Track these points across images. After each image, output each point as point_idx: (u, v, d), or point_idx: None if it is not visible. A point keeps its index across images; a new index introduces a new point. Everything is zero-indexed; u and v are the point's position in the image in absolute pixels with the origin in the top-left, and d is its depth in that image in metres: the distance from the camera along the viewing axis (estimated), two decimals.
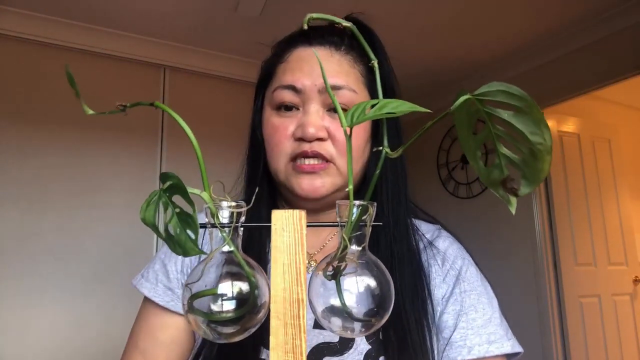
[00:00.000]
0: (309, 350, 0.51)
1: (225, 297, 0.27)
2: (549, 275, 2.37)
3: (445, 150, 2.97)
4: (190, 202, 0.24)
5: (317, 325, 0.54)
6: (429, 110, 0.25)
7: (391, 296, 0.29)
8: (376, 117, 0.24)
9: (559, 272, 2.39)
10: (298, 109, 0.55)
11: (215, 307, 0.27)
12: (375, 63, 0.29)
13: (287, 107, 0.55)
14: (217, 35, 2.22)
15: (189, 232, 0.25)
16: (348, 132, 0.26)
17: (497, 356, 0.52)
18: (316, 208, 0.57)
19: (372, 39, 0.59)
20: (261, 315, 0.28)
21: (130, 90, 2.22)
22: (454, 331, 0.53)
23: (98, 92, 2.15)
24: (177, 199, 0.26)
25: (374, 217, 0.29)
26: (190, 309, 0.27)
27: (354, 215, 0.28)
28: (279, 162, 0.55)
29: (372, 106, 0.25)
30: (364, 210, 0.28)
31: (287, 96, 0.55)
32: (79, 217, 2.01)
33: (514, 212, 0.27)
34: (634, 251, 2.72)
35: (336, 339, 0.53)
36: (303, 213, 0.28)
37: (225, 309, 0.27)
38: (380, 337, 0.53)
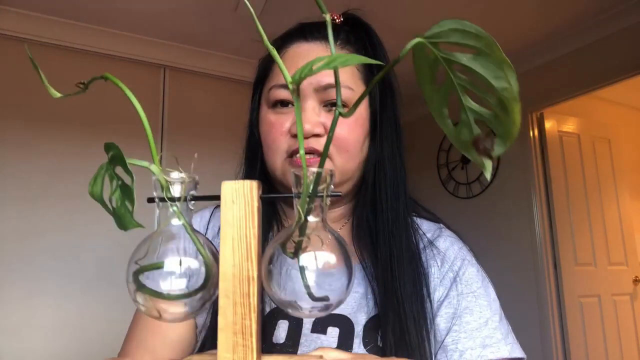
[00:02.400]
0: None
1: (173, 274, 0.25)
2: (549, 275, 2.36)
3: (445, 150, 2.96)
4: (129, 173, 0.23)
5: (315, 329, 0.53)
6: (379, 62, 0.24)
7: (351, 275, 0.28)
8: (322, 69, 0.22)
9: (559, 272, 2.37)
10: (294, 106, 0.54)
11: (163, 284, 0.25)
12: (327, 16, 0.28)
13: (283, 103, 0.55)
14: (217, 35, 2.22)
15: (127, 204, 0.23)
16: (295, 89, 0.25)
17: None
18: None
19: (369, 35, 0.58)
20: (212, 293, 0.27)
21: (130, 89, 2.21)
22: (446, 335, 0.52)
23: (98, 91, 2.14)
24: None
25: (331, 187, 0.27)
26: (137, 286, 0.25)
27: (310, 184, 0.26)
28: (276, 158, 0.55)
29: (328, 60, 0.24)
30: (320, 178, 0.26)
31: (283, 94, 0.54)
32: (79, 217, 2.00)
33: (489, 176, 0.24)
34: (634, 251, 2.70)
35: (334, 345, 0.51)
36: (255, 183, 0.26)
37: (174, 286, 0.25)
38: (379, 344, 0.51)
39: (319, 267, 0.27)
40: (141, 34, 2.20)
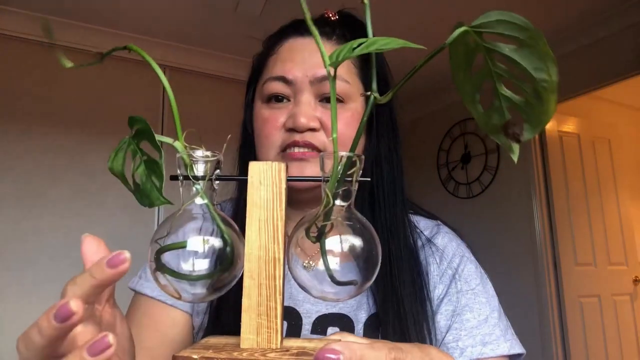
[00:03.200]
0: None
1: (196, 254, 0.25)
2: (549, 275, 2.36)
3: (445, 150, 2.96)
4: (157, 147, 0.23)
5: (315, 330, 0.52)
6: (422, 47, 0.23)
7: (377, 259, 0.27)
8: (362, 53, 0.22)
9: (559, 272, 2.37)
10: (289, 100, 0.54)
11: (185, 265, 0.25)
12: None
13: (278, 99, 0.54)
14: (217, 35, 2.22)
15: (154, 179, 0.23)
16: (332, 73, 0.24)
17: (492, 358, 0.49)
18: (305, 200, 0.55)
19: (365, 33, 0.57)
20: (235, 274, 0.26)
21: (130, 90, 2.21)
22: (447, 332, 0.51)
23: (98, 91, 2.14)
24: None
25: (360, 173, 0.27)
26: (158, 266, 0.25)
27: (340, 169, 0.25)
28: (269, 154, 0.54)
29: (360, 45, 0.23)
30: (350, 163, 0.25)
31: (278, 87, 0.53)
32: (79, 217, 2.00)
33: (516, 159, 0.24)
34: (634, 251, 2.71)
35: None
36: (283, 165, 0.26)
37: (196, 267, 0.25)
38: (379, 336, 0.51)
39: (344, 251, 0.26)
40: (141, 34, 2.20)
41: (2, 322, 1.81)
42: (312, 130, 0.51)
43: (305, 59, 0.53)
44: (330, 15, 0.59)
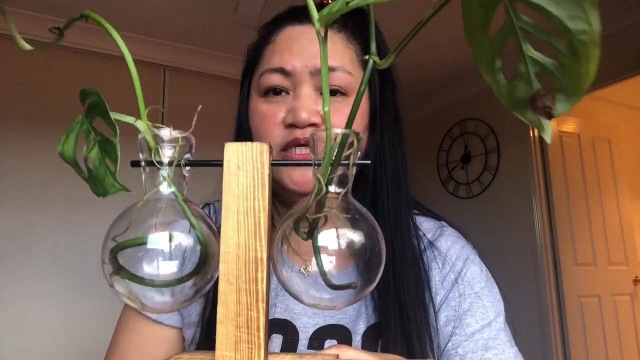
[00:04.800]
0: None
1: (161, 253, 0.20)
2: (549, 275, 2.35)
3: (445, 150, 2.95)
4: (112, 125, 0.19)
5: (311, 345, 0.48)
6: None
7: (381, 257, 0.22)
8: (359, 5, 0.18)
9: (559, 272, 2.36)
10: (288, 93, 0.49)
11: (148, 267, 0.20)
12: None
13: (276, 92, 0.49)
14: (217, 35, 2.21)
15: (108, 162, 0.18)
16: (322, 34, 0.20)
17: None
18: None
19: (367, 20, 0.54)
20: (208, 277, 0.22)
21: (130, 90, 2.18)
22: (448, 337, 0.48)
23: (98, 91, 2.11)
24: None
25: (358, 154, 0.22)
26: (115, 268, 0.20)
27: (334, 150, 0.21)
28: None
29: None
30: (345, 143, 0.21)
31: (276, 79, 0.49)
32: (79, 217, 1.99)
33: (549, 139, 0.19)
34: (634, 251, 2.70)
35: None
36: (265, 146, 0.22)
37: (161, 270, 0.20)
38: (379, 351, 0.47)
39: (341, 248, 0.22)
40: (141, 34, 2.19)
41: (3, 321, 1.80)
42: (314, 125, 0.47)
43: (304, 48, 0.49)
44: (331, 1, 0.55)
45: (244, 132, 0.55)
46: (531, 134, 2.46)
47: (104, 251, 0.20)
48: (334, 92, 0.49)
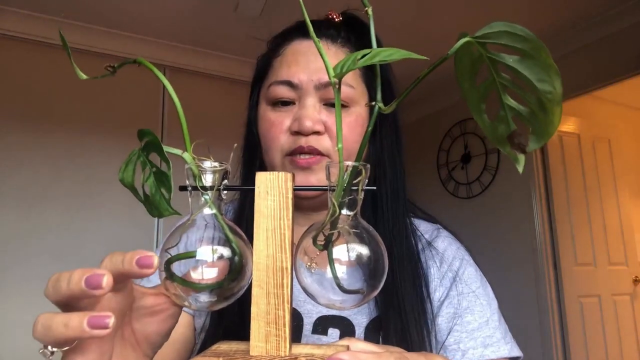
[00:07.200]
0: None
1: (205, 263, 0.25)
2: (549, 276, 2.36)
3: (445, 150, 2.96)
4: (166, 160, 0.23)
5: (315, 330, 0.52)
6: (425, 57, 0.23)
7: (384, 267, 0.27)
8: (366, 64, 0.22)
9: (559, 272, 2.37)
10: (294, 103, 0.54)
11: (194, 274, 0.25)
12: (369, 10, 0.27)
13: (284, 103, 0.54)
14: (217, 35, 2.22)
15: (163, 191, 0.23)
16: (337, 85, 0.25)
17: None
18: (311, 206, 0.56)
19: (369, 34, 0.57)
20: (243, 283, 0.26)
21: (130, 90, 2.21)
22: (448, 334, 0.52)
23: (98, 92, 2.14)
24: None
25: (365, 182, 0.27)
26: (168, 275, 0.25)
27: (345, 178, 0.26)
28: (275, 157, 0.54)
29: (364, 56, 0.24)
30: (355, 172, 0.26)
31: (283, 91, 0.54)
32: (79, 217, 2.00)
33: (521, 170, 0.25)
34: (634, 251, 2.71)
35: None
36: (289, 175, 0.26)
37: (205, 275, 0.25)
38: (380, 343, 0.51)
39: (351, 260, 0.27)
40: (141, 34, 2.20)
41: (3, 321, 1.81)
42: (317, 133, 0.52)
43: (310, 62, 0.53)
44: (335, 16, 0.59)
45: (252, 136, 0.60)
46: None
47: (160, 261, 0.25)
48: (334, 105, 0.54)
